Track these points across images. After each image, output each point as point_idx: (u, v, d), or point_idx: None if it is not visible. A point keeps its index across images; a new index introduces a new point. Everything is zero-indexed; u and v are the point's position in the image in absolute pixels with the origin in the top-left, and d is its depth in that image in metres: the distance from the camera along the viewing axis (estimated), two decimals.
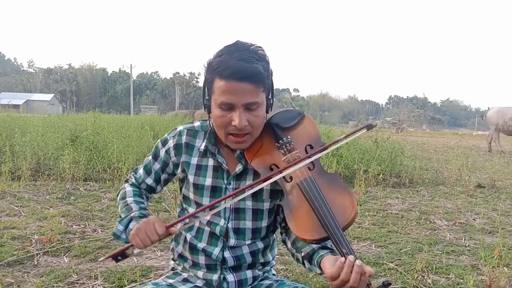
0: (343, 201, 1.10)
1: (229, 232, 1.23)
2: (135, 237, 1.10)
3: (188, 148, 1.28)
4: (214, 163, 1.25)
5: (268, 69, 1.17)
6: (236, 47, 1.15)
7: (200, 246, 1.25)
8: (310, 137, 1.24)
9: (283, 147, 1.20)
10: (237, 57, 1.11)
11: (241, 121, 1.12)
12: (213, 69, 1.14)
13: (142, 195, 1.35)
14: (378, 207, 4.72)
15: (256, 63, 1.12)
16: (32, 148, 6.00)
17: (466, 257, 3.15)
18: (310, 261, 1.15)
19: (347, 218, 1.07)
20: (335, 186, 1.13)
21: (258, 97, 1.14)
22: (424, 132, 44.56)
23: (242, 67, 1.10)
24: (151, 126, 10.37)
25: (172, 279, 1.29)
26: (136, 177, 1.38)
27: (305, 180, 1.13)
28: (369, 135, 8.29)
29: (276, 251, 1.38)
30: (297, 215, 1.11)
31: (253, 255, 1.26)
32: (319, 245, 1.15)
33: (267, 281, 1.31)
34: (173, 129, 1.33)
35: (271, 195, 1.24)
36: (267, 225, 1.27)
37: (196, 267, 1.27)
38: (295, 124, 1.26)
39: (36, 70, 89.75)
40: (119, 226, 1.21)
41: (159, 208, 4.14)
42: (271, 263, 1.36)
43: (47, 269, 2.58)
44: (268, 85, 1.18)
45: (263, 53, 1.18)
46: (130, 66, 59.84)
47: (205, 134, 1.28)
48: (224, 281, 1.23)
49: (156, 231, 1.09)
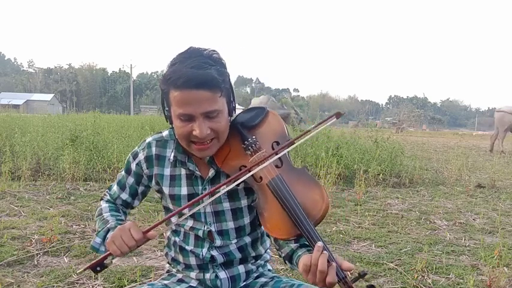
0: (313, 196, 1.10)
1: (214, 234, 1.24)
2: (112, 244, 1.09)
3: (159, 160, 1.27)
4: (187, 171, 1.24)
5: (224, 72, 1.14)
6: (188, 54, 1.13)
7: (188, 249, 1.26)
8: (275, 133, 1.22)
9: (249, 148, 1.19)
10: (189, 65, 1.09)
11: (202, 131, 1.10)
12: (167, 79, 1.11)
13: (119, 210, 1.34)
14: (378, 207, 4.72)
15: (209, 69, 1.09)
16: (32, 148, 6.00)
17: (466, 257, 3.15)
18: (290, 261, 1.17)
19: (318, 211, 1.07)
20: (304, 181, 1.13)
21: (217, 104, 1.11)
22: (424, 132, 44.55)
23: (194, 74, 1.07)
24: (151, 126, 10.37)
25: (168, 280, 1.30)
26: (111, 193, 1.37)
27: (273, 179, 1.12)
28: (368, 135, 8.29)
29: (268, 244, 1.38)
30: (268, 214, 1.12)
31: (241, 251, 1.27)
32: (298, 243, 1.16)
33: (262, 278, 1.31)
34: (142, 141, 1.32)
35: (246, 192, 1.24)
36: (251, 222, 1.27)
37: (189, 269, 1.28)
38: (259, 122, 1.24)
39: (36, 70, 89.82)
40: (97, 239, 1.20)
41: (159, 208, 4.14)
42: (264, 257, 1.35)
43: (47, 269, 2.58)
44: (226, 89, 1.15)
45: (218, 56, 1.15)
46: (130, 66, 59.85)
47: (174, 142, 1.26)
48: (217, 278, 1.24)
49: (132, 237, 1.08)
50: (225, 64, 1.17)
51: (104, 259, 1.11)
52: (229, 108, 1.19)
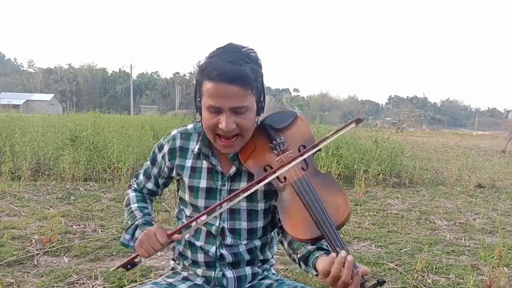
0: (337, 201, 1.10)
1: (226, 231, 1.24)
2: (140, 248, 1.15)
3: (182, 151, 1.29)
4: (208, 165, 1.26)
5: (258, 72, 1.16)
6: (226, 49, 1.15)
7: (198, 244, 1.27)
8: (303, 137, 1.24)
9: (276, 147, 1.20)
10: (225, 59, 1.11)
11: (228, 124, 1.12)
12: (202, 70, 1.14)
13: (145, 200, 1.38)
14: (378, 207, 4.72)
15: (244, 65, 1.11)
16: (32, 148, 6.00)
17: (466, 257, 3.15)
18: (306, 262, 1.16)
19: (341, 217, 1.07)
20: (328, 186, 1.14)
21: (246, 100, 1.13)
22: (424, 132, 44.55)
23: (229, 69, 1.09)
24: (151, 126, 10.37)
25: (172, 279, 1.30)
26: (138, 182, 1.41)
27: (298, 180, 1.13)
28: (368, 135, 8.29)
29: (275, 250, 1.39)
30: (291, 214, 1.12)
31: (250, 253, 1.27)
32: (314, 246, 1.16)
33: (267, 280, 1.31)
34: (168, 134, 1.34)
35: (265, 196, 1.25)
36: (263, 226, 1.28)
37: (195, 265, 1.28)
38: (288, 125, 1.26)
39: (36, 70, 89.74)
40: (126, 235, 1.26)
41: (159, 208, 4.14)
42: (270, 262, 1.36)
43: (47, 269, 2.58)
44: (258, 88, 1.16)
45: (255, 55, 1.17)
46: (130, 66, 59.93)
47: (199, 135, 1.28)
48: (223, 277, 1.24)
49: (158, 241, 1.12)
50: (261, 64, 1.19)
51: (134, 259, 1.17)
52: (258, 108, 1.20)
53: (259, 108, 1.21)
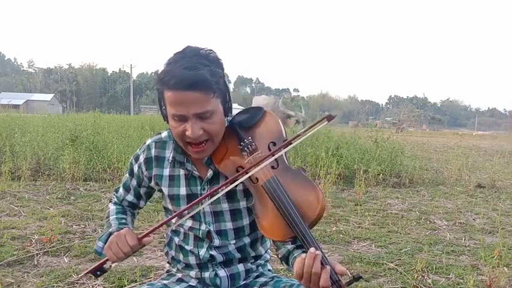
0: (308, 197, 1.09)
1: (212, 234, 1.24)
2: (109, 250, 1.12)
3: (158, 161, 1.28)
4: (185, 171, 1.25)
5: (218, 73, 1.13)
6: (184, 54, 1.12)
7: (188, 248, 1.27)
8: (272, 134, 1.21)
9: (245, 148, 1.19)
10: (182, 65, 1.08)
11: (194, 131, 1.11)
12: (160, 79, 1.12)
13: (125, 212, 1.37)
14: (378, 207, 4.73)
15: (202, 69, 1.08)
16: (32, 148, 6.00)
17: (466, 257, 3.15)
18: (287, 262, 1.17)
19: (313, 213, 1.06)
20: (300, 183, 1.12)
21: (209, 105, 1.10)
22: (424, 132, 44.56)
23: (186, 75, 1.06)
24: (152, 126, 10.37)
25: (167, 280, 1.31)
26: (117, 196, 1.40)
27: (268, 181, 1.12)
28: (368, 135, 8.30)
29: (268, 244, 1.38)
30: (264, 216, 1.12)
31: (240, 251, 1.27)
32: (294, 244, 1.16)
33: (262, 278, 1.31)
34: (143, 144, 1.33)
35: (245, 194, 1.24)
36: (250, 223, 1.27)
37: (188, 267, 1.29)
38: (256, 122, 1.24)
39: (36, 70, 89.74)
40: (99, 243, 1.23)
41: (159, 208, 4.14)
42: (264, 257, 1.35)
43: (47, 269, 2.58)
44: (220, 90, 1.14)
45: (214, 56, 1.14)
46: (130, 66, 59.82)
47: (174, 143, 1.26)
48: (216, 276, 1.24)
49: (127, 243, 1.11)
50: (222, 64, 1.17)
51: (103, 264, 1.14)
52: (225, 109, 1.18)
53: (226, 109, 1.19)
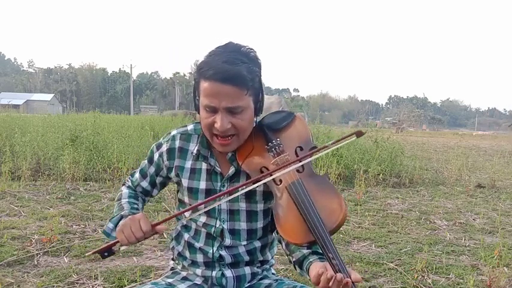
0: (332, 204, 1.09)
1: (225, 233, 1.24)
2: (121, 233, 1.11)
3: (182, 152, 1.28)
4: (207, 166, 1.25)
5: (255, 71, 1.15)
6: (225, 48, 1.14)
7: (197, 246, 1.26)
8: (300, 138, 1.23)
9: (272, 150, 1.20)
10: (222, 59, 1.10)
11: (223, 124, 1.12)
12: (199, 69, 1.14)
13: (137, 197, 1.37)
14: (378, 207, 4.72)
15: (240, 65, 1.10)
16: (32, 148, 6.00)
17: (466, 257, 3.15)
18: (300, 266, 1.16)
19: (335, 221, 1.06)
20: (324, 189, 1.13)
21: (242, 101, 1.12)
22: (424, 132, 44.57)
23: (224, 68, 1.09)
24: (151, 126, 10.37)
25: (172, 279, 1.30)
26: (133, 180, 1.39)
27: (293, 183, 1.12)
28: (368, 135, 8.29)
29: (275, 250, 1.38)
30: (285, 218, 1.12)
31: (250, 254, 1.27)
32: (310, 250, 1.15)
33: (267, 280, 1.31)
34: (167, 133, 1.34)
35: (264, 197, 1.24)
36: (263, 226, 1.27)
37: (195, 265, 1.28)
38: (285, 125, 1.25)
39: (36, 70, 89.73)
40: (109, 224, 1.23)
41: (159, 208, 4.14)
42: (270, 262, 1.36)
43: (47, 269, 2.58)
44: (254, 88, 1.15)
45: (254, 55, 1.16)
46: (130, 66, 59.91)
47: (199, 137, 1.28)
48: (223, 276, 1.24)
49: (141, 228, 1.10)
50: (260, 64, 1.18)
51: (112, 246, 1.12)
52: (256, 108, 1.19)
53: (257, 108, 1.20)
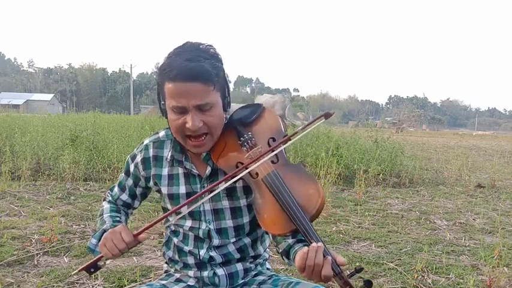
0: (309, 190, 1.10)
1: (212, 233, 1.24)
2: (103, 247, 1.12)
3: (157, 160, 1.28)
4: (184, 170, 1.25)
5: (218, 67, 1.14)
6: (184, 48, 1.14)
7: (187, 249, 1.27)
8: (271, 129, 1.23)
9: (245, 144, 1.20)
10: (183, 58, 1.10)
11: (194, 123, 1.11)
12: (162, 71, 1.13)
13: (119, 211, 1.37)
14: (378, 207, 4.72)
15: (202, 62, 1.10)
16: (32, 148, 6.00)
17: (466, 257, 3.15)
18: (287, 256, 1.17)
19: (314, 206, 1.07)
20: (299, 176, 1.13)
21: (209, 97, 1.11)
22: (424, 132, 44.58)
23: (187, 67, 1.08)
24: (152, 126, 10.36)
25: (165, 281, 1.31)
26: (112, 194, 1.39)
27: (268, 175, 1.13)
28: (368, 135, 8.30)
29: (267, 243, 1.38)
30: (265, 210, 1.12)
31: (240, 251, 1.27)
32: (295, 239, 1.16)
33: (261, 276, 1.31)
34: (140, 143, 1.33)
35: (245, 192, 1.24)
36: (250, 221, 1.27)
37: (187, 267, 1.29)
38: (255, 118, 1.25)
39: (36, 70, 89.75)
40: (93, 240, 1.22)
41: (159, 208, 4.13)
42: (263, 256, 1.35)
43: (47, 269, 2.58)
44: (220, 83, 1.15)
45: (214, 51, 1.16)
46: (130, 66, 59.85)
47: (171, 142, 1.27)
48: (215, 275, 1.24)
49: (122, 240, 1.10)
50: (221, 59, 1.18)
51: (97, 261, 1.13)
52: (224, 103, 1.19)
53: (225, 103, 1.19)
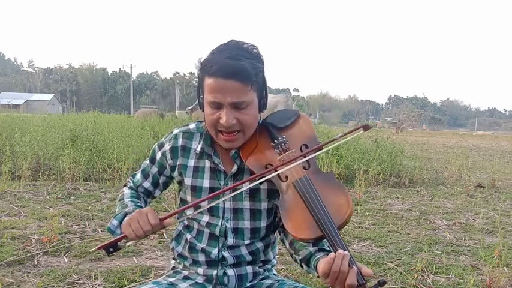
0: (339, 200, 1.10)
1: (228, 231, 1.23)
2: (128, 227, 1.09)
3: (185, 151, 1.28)
4: (211, 164, 1.25)
5: (259, 67, 1.16)
6: (228, 46, 1.16)
7: (199, 247, 1.26)
8: (305, 136, 1.24)
9: (278, 146, 1.20)
10: (225, 55, 1.12)
11: (228, 119, 1.12)
12: (203, 66, 1.16)
13: (140, 198, 1.36)
14: (378, 207, 4.72)
15: (243, 61, 1.11)
16: (32, 148, 6.00)
17: (466, 257, 3.15)
18: (307, 264, 1.15)
19: (342, 216, 1.07)
20: (330, 185, 1.13)
21: (246, 96, 1.13)
22: (424, 132, 44.58)
23: (228, 64, 1.10)
24: (151, 126, 10.36)
25: (173, 278, 1.30)
26: (134, 181, 1.39)
27: (300, 179, 1.13)
28: (368, 135, 8.29)
29: (277, 250, 1.38)
30: (292, 214, 1.12)
31: (252, 255, 1.27)
32: (316, 247, 1.15)
33: (268, 280, 1.31)
34: (169, 133, 1.34)
35: (268, 195, 1.24)
36: (267, 225, 1.27)
37: (196, 264, 1.28)
38: (290, 124, 1.26)
39: (36, 70, 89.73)
40: (113, 221, 1.21)
41: (159, 208, 4.14)
42: (272, 262, 1.36)
43: (47, 269, 2.58)
44: (258, 83, 1.16)
45: (257, 51, 1.17)
46: (130, 66, 59.99)
47: (201, 135, 1.28)
48: (225, 275, 1.24)
49: (149, 222, 1.08)
50: (263, 60, 1.19)
51: (118, 241, 1.10)
52: (260, 104, 1.20)
53: (261, 104, 1.20)
